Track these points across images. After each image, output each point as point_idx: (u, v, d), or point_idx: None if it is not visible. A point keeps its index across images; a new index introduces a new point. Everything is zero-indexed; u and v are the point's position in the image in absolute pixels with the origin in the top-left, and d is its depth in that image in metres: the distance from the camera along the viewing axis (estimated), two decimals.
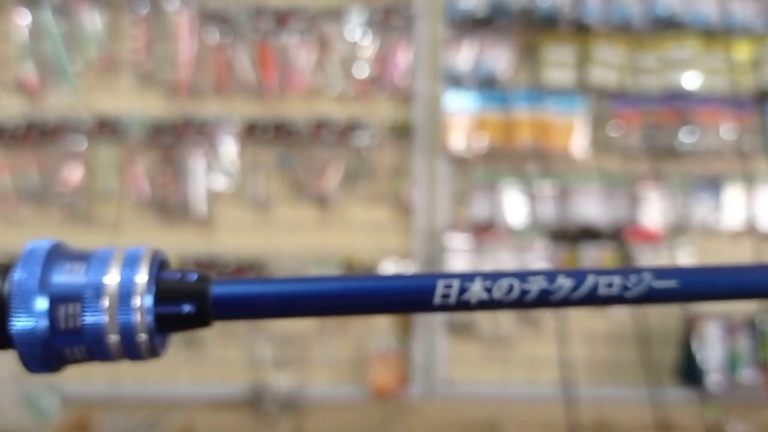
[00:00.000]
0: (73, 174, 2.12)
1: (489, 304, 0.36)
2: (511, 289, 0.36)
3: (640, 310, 2.02)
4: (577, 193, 2.12)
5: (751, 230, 2.09)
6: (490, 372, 2.19)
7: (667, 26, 2.09)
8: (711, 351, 2.09)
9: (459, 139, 2.10)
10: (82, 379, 2.10)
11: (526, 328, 2.18)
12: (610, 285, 0.36)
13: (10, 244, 2.12)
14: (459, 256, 2.10)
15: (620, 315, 2.14)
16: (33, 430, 1.81)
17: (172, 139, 2.11)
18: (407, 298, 0.36)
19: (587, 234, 2.12)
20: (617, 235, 2.12)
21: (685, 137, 2.11)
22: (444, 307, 0.36)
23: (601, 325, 2.18)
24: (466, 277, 0.36)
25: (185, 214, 2.14)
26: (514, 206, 2.12)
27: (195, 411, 2.01)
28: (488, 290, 0.35)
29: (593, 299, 0.36)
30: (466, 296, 0.35)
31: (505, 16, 2.07)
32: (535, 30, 2.11)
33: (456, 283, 0.36)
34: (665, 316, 2.13)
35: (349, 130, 2.12)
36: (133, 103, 2.14)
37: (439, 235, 2.13)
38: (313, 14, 2.12)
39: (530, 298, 0.36)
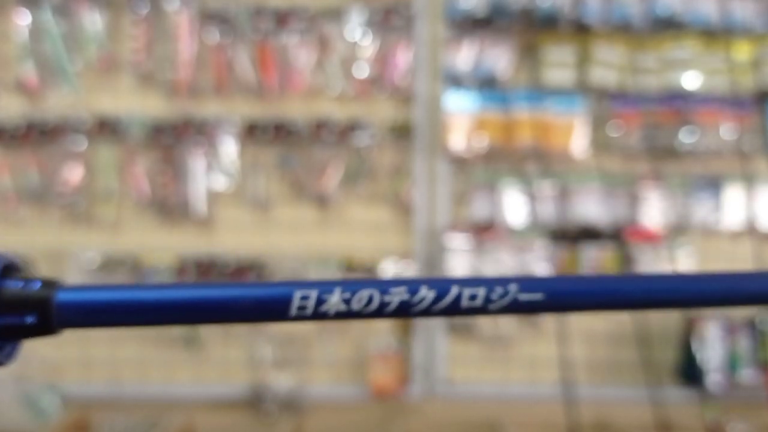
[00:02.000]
0: (73, 174, 2.12)
1: (347, 315, 0.36)
2: (370, 300, 0.36)
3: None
4: (577, 193, 2.12)
5: (751, 230, 2.09)
6: (490, 372, 2.19)
7: (667, 26, 2.09)
8: (711, 351, 2.09)
9: (459, 139, 2.10)
10: (82, 379, 2.10)
11: (526, 328, 2.18)
12: (473, 297, 0.36)
13: (10, 244, 2.12)
14: (459, 256, 2.10)
15: (620, 315, 2.14)
16: (33, 430, 1.82)
17: (172, 139, 2.11)
18: (263, 307, 0.36)
19: (587, 234, 2.12)
20: (617, 235, 2.12)
21: (685, 137, 2.11)
22: (300, 318, 0.36)
23: (601, 325, 2.18)
24: (325, 288, 0.36)
25: (185, 214, 2.14)
26: (514, 206, 2.12)
27: (195, 411, 2.01)
28: (347, 301, 0.35)
29: (456, 311, 0.36)
30: (324, 307, 0.35)
31: (505, 16, 2.07)
32: (535, 30, 2.11)
33: (313, 294, 0.35)
34: (665, 316, 2.13)
35: (349, 130, 2.12)
36: (133, 103, 2.14)
37: (439, 235, 2.13)
38: (313, 14, 2.12)
39: (390, 310, 0.36)
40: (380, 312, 0.36)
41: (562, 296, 0.37)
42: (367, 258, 2.16)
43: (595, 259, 2.11)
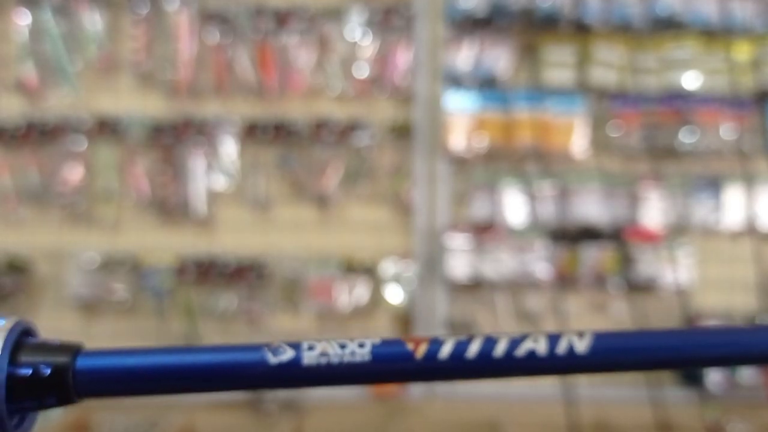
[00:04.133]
0: (73, 174, 2.12)
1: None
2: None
3: (640, 310, 2.02)
4: (577, 193, 2.12)
5: (751, 230, 2.09)
6: None
7: (667, 26, 2.09)
8: None
9: (459, 139, 2.10)
10: None
11: (526, 327, 2.18)
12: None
13: (10, 244, 2.12)
14: (459, 256, 2.10)
15: (620, 315, 2.14)
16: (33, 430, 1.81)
17: (172, 139, 2.11)
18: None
19: (587, 234, 2.12)
20: (617, 235, 2.12)
21: (685, 137, 2.11)
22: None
23: (602, 325, 2.18)
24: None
25: (185, 214, 2.14)
26: (514, 206, 2.12)
27: (195, 411, 2.00)
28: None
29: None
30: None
31: (505, 16, 2.07)
32: (535, 30, 2.11)
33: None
34: (665, 315, 2.13)
35: (349, 130, 2.12)
36: (133, 103, 2.14)
37: (439, 235, 2.13)
38: (313, 14, 2.12)
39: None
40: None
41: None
42: (367, 258, 2.16)
43: (595, 259, 2.11)
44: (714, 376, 2.08)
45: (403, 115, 2.16)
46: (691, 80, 2.11)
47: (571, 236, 2.11)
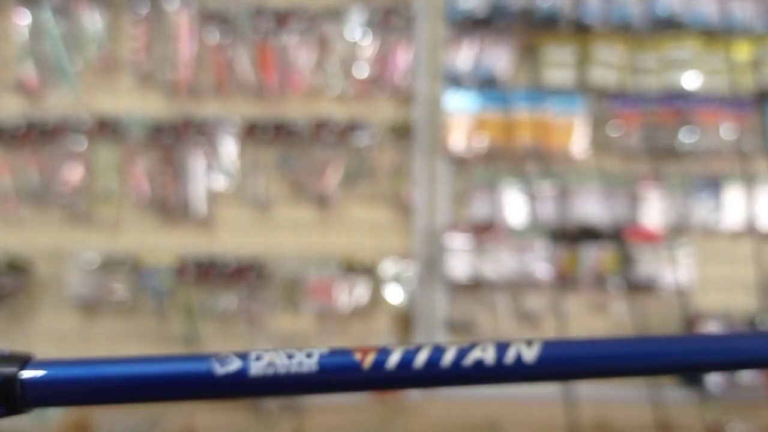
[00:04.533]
0: (73, 174, 2.12)
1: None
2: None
3: (640, 310, 2.02)
4: (577, 193, 2.12)
5: (751, 230, 2.09)
6: None
7: (667, 26, 2.09)
8: None
9: (459, 139, 2.10)
10: None
11: (526, 327, 2.18)
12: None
13: (10, 244, 2.12)
14: (459, 256, 2.10)
15: (620, 315, 2.14)
16: (33, 430, 1.81)
17: (172, 139, 2.11)
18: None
19: (587, 234, 2.12)
20: (617, 235, 2.12)
21: (685, 137, 2.11)
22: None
23: (601, 325, 2.18)
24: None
25: (185, 214, 2.14)
26: (514, 206, 2.12)
27: (195, 411, 2.01)
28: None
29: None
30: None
31: (505, 16, 2.07)
32: (535, 30, 2.11)
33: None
34: (665, 315, 2.13)
35: (349, 130, 2.12)
36: (133, 103, 2.14)
37: (439, 235, 2.13)
38: (313, 14, 2.12)
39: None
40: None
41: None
42: (367, 258, 2.16)
43: (595, 259, 2.11)
44: (714, 377, 2.08)
45: (403, 115, 2.16)
46: (691, 80, 2.11)
47: (571, 236, 2.11)
